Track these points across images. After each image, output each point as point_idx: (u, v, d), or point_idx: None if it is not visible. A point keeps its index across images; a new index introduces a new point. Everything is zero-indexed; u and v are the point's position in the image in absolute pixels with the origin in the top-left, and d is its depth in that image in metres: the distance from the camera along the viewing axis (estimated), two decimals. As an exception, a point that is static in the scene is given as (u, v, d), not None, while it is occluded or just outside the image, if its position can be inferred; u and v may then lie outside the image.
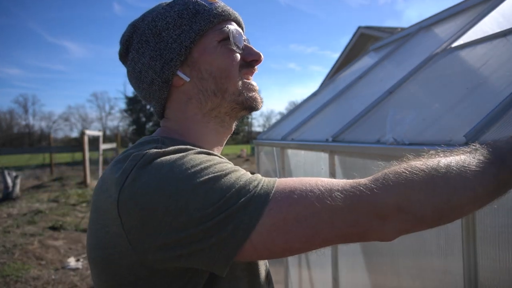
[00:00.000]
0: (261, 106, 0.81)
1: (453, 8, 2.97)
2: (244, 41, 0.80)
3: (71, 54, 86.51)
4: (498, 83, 1.42)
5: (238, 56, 0.77)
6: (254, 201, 0.58)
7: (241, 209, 0.57)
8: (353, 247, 1.85)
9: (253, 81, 0.82)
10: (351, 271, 1.91)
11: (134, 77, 0.79)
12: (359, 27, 8.08)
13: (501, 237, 1.02)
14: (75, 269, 4.86)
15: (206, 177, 0.58)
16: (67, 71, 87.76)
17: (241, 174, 0.62)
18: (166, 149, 0.63)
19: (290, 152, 2.73)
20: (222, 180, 0.59)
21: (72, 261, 5.06)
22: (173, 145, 0.70)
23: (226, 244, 0.56)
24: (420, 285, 1.37)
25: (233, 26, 0.78)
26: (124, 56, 0.81)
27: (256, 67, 0.82)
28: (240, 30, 0.80)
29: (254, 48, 0.80)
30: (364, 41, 8.01)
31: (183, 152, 0.63)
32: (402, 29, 3.98)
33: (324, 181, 0.61)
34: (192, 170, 0.59)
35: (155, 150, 0.63)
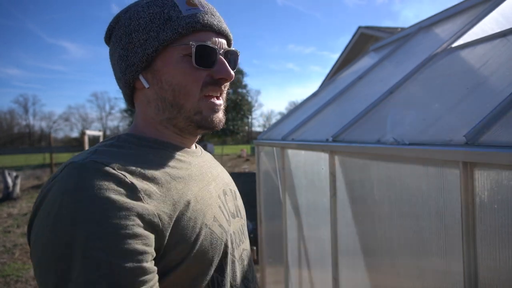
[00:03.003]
0: (219, 126, 0.79)
1: (453, 8, 2.97)
2: (223, 54, 0.76)
3: (70, 54, 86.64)
4: (498, 83, 1.42)
5: (203, 73, 0.74)
6: None
7: None
8: (353, 247, 1.86)
9: (219, 99, 0.78)
10: (351, 271, 1.91)
11: (111, 67, 0.81)
12: (359, 27, 8.07)
13: (501, 237, 1.02)
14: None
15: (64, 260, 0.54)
16: (67, 72, 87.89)
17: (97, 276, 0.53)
18: (68, 182, 0.59)
19: (290, 152, 2.73)
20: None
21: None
22: (129, 144, 0.72)
23: None
24: (420, 285, 1.37)
25: (202, 41, 0.73)
26: (107, 42, 0.82)
27: (225, 85, 0.78)
28: (222, 41, 0.76)
29: (226, 65, 0.75)
30: (364, 41, 8.01)
31: (76, 195, 0.58)
32: (402, 29, 3.98)
33: None
34: (56, 246, 0.55)
35: (59, 182, 0.60)
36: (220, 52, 0.75)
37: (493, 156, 1.01)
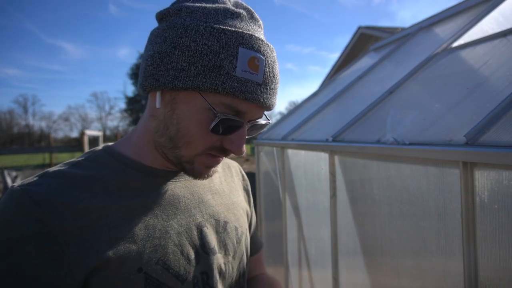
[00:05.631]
0: (204, 179, 0.70)
1: (453, 8, 2.97)
2: (248, 126, 0.67)
3: (69, 54, 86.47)
4: (498, 83, 1.42)
5: (215, 137, 0.65)
6: None
7: None
8: (353, 247, 1.86)
9: (221, 158, 0.69)
10: (351, 271, 1.91)
11: (145, 46, 0.71)
12: (359, 27, 8.08)
13: (501, 237, 1.02)
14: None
15: None
16: (66, 72, 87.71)
17: None
18: None
19: (290, 152, 2.73)
20: None
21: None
22: (93, 164, 0.68)
23: None
24: (420, 285, 1.37)
25: (231, 112, 0.63)
26: (158, 19, 0.69)
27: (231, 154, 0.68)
28: (257, 114, 0.67)
29: (241, 140, 0.65)
30: (364, 41, 8.02)
31: None
32: (403, 29, 3.98)
33: None
34: None
35: None
36: (246, 124, 0.66)
37: (493, 156, 1.01)
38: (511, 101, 1.18)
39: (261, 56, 0.63)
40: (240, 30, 0.62)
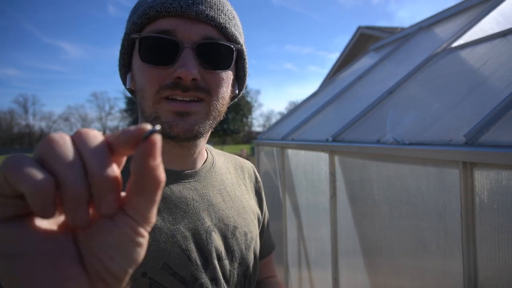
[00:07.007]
0: (186, 136, 0.62)
1: (453, 8, 2.97)
2: (192, 47, 0.60)
3: (68, 55, 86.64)
4: (498, 83, 1.42)
5: (157, 71, 0.61)
6: None
7: None
8: (353, 247, 1.86)
9: (190, 103, 0.62)
10: (351, 271, 1.91)
11: None
12: (359, 27, 8.08)
13: (500, 237, 1.02)
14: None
15: None
16: (66, 72, 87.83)
17: None
18: None
19: (290, 152, 2.73)
20: None
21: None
22: None
23: None
24: (420, 285, 1.37)
25: (156, 31, 0.60)
26: None
27: (200, 87, 0.61)
28: (197, 30, 0.61)
29: (185, 61, 0.59)
30: (364, 41, 8.01)
31: None
32: (402, 29, 3.98)
33: None
34: None
35: None
36: (187, 44, 0.60)
37: (493, 156, 1.01)
38: (511, 101, 1.18)
39: None
40: None
